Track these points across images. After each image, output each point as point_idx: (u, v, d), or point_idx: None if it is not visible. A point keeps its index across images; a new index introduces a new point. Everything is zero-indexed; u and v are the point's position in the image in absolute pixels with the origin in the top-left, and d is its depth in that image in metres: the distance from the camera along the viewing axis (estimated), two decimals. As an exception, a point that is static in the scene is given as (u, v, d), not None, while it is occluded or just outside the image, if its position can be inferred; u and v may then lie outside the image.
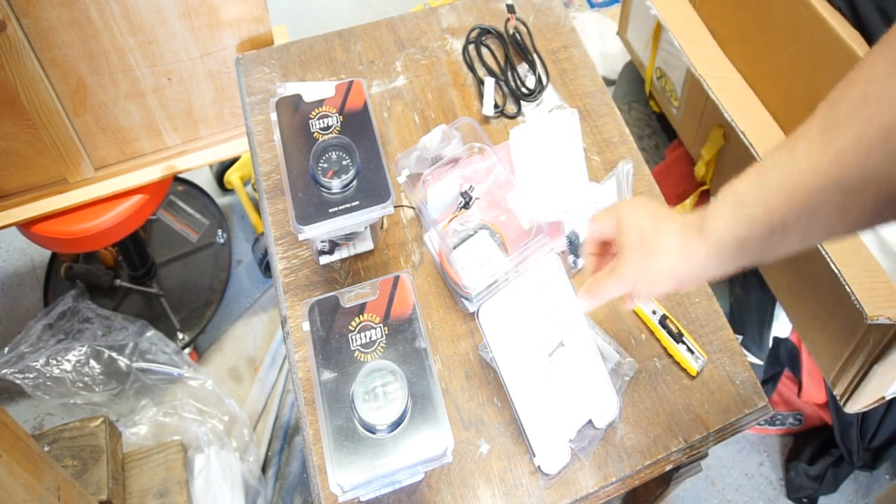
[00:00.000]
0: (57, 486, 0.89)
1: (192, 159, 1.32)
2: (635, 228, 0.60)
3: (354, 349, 0.67)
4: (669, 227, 0.58)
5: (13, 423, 0.85)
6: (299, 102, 0.79)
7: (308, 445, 0.74)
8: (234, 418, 1.42)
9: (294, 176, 0.74)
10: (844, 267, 0.94)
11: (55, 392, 1.40)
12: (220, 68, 1.24)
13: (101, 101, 1.20)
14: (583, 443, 0.74)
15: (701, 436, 0.76)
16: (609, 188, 0.87)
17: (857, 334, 0.99)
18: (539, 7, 1.05)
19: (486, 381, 0.78)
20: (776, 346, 1.30)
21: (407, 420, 0.65)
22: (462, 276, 0.78)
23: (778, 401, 1.41)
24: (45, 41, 1.09)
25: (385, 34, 1.02)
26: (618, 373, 0.78)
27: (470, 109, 0.96)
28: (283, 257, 0.85)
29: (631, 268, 0.60)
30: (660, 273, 0.59)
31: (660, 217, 0.59)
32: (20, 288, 1.72)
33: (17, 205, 1.24)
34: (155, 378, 1.46)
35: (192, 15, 1.16)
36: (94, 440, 1.17)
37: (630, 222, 0.60)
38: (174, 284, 1.68)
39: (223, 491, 1.28)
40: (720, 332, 0.82)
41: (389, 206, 0.73)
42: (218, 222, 1.76)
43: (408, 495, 0.72)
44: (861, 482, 1.50)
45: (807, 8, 0.98)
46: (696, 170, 1.36)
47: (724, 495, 1.50)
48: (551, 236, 0.79)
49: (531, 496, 0.72)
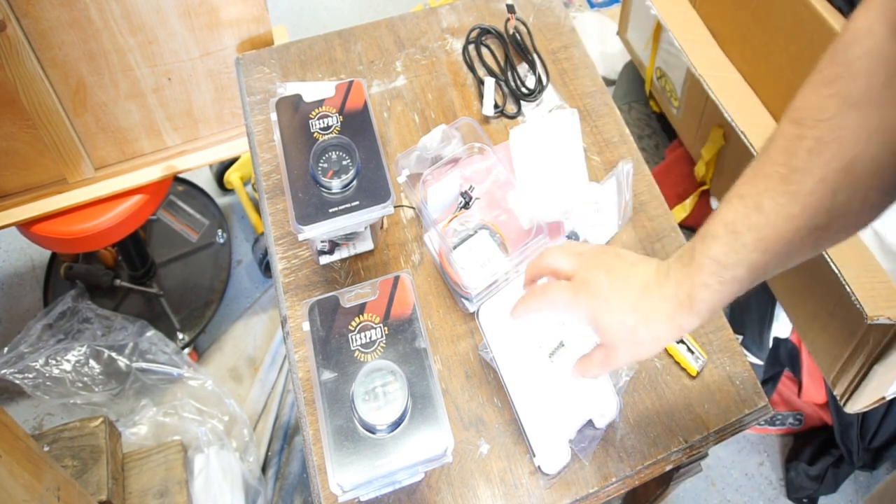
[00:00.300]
0: (57, 486, 0.89)
1: (192, 159, 1.32)
2: (623, 328, 0.58)
3: (354, 349, 0.67)
4: (657, 315, 0.57)
5: (13, 423, 0.85)
6: (299, 102, 0.79)
7: (308, 445, 0.74)
8: (234, 418, 1.42)
9: (294, 176, 0.74)
10: (844, 267, 0.94)
11: (55, 392, 1.40)
12: (220, 68, 1.24)
13: (101, 101, 1.20)
14: (583, 443, 0.74)
15: (701, 436, 0.76)
16: (609, 188, 0.87)
17: (857, 334, 0.99)
18: (539, 7, 1.05)
19: (486, 381, 0.78)
20: (776, 346, 1.30)
21: (407, 420, 0.65)
22: (462, 276, 0.78)
23: (778, 401, 1.41)
24: (45, 41, 1.09)
25: (385, 34, 1.02)
26: (618, 374, 0.78)
27: (470, 109, 0.96)
28: (283, 257, 0.85)
29: (625, 359, 0.60)
30: (657, 348, 0.60)
31: (642, 308, 0.57)
32: (20, 288, 1.72)
33: (17, 205, 1.24)
34: (155, 378, 1.46)
35: (192, 15, 1.16)
36: (94, 440, 1.17)
37: (614, 322, 0.58)
38: (174, 284, 1.68)
39: (223, 491, 1.28)
40: (720, 332, 0.82)
41: (389, 206, 0.73)
42: (218, 222, 1.76)
43: (408, 495, 0.72)
44: (861, 482, 1.50)
45: (807, 8, 0.99)
46: (696, 170, 1.36)
47: (724, 495, 1.50)
48: (551, 236, 0.79)
49: (531, 496, 0.72)
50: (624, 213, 0.88)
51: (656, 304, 0.57)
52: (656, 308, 0.57)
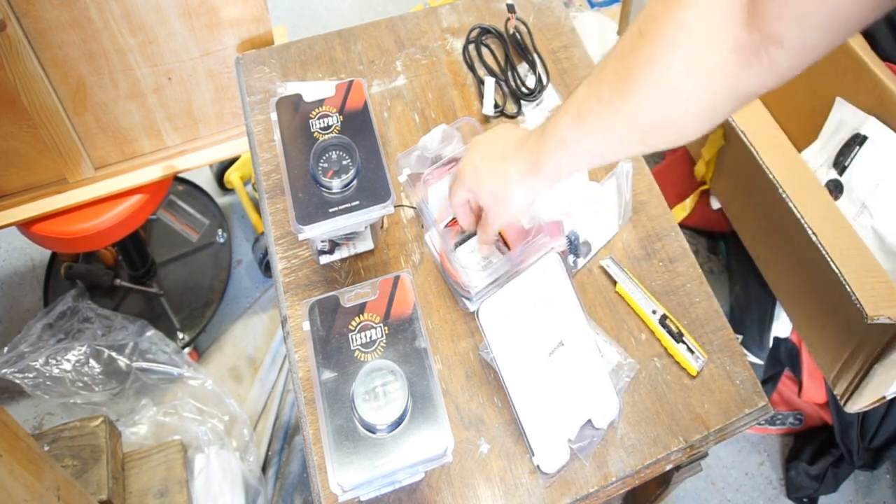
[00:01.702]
0: (57, 485, 0.89)
1: (192, 159, 1.32)
2: (488, 191, 0.71)
3: (354, 349, 0.67)
4: (512, 177, 0.68)
5: (13, 422, 0.85)
6: (299, 102, 0.79)
7: (308, 445, 0.74)
8: (234, 418, 1.42)
9: (294, 176, 0.74)
10: (844, 267, 0.94)
11: (55, 392, 1.40)
12: (221, 68, 1.24)
13: (101, 101, 1.20)
14: (583, 442, 0.74)
15: (701, 435, 0.76)
16: (609, 188, 0.87)
17: (857, 334, 0.99)
18: (539, 7, 1.05)
19: (486, 381, 0.78)
20: (776, 345, 1.30)
21: (407, 420, 0.65)
22: (462, 275, 0.78)
23: (778, 400, 1.41)
24: (45, 41, 1.09)
25: (385, 34, 1.02)
26: (618, 374, 0.78)
27: (470, 109, 0.96)
28: (283, 257, 0.85)
29: (497, 219, 0.73)
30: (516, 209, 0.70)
31: (501, 172, 0.69)
32: (20, 288, 1.72)
33: (16, 204, 1.24)
34: (155, 378, 1.46)
35: (192, 15, 1.16)
36: (94, 440, 1.17)
37: (482, 187, 0.71)
38: (174, 284, 1.68)
39: (223, 491, 1.28)
40: (720, 332, 0.82)
41: (389, 206, 0.73)
42: (218, 222, 1.76)
43: (408, 495, 0.72)
44: (861, 482, 1.50)
45: (807, 8, 0.98)
46: (696, 169, 1.36)
47: (724, 495, 1.50)
48: (551, 236, 0.79)
49: (531, 496, 0.72)
50: (624, 213, 0.88)
51: (511, 167, 0.68)
52: (510, 171, 0.68)
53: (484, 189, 0.71)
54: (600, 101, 0.57)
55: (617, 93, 0.55)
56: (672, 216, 0.90)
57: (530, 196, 0.69)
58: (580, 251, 0.85)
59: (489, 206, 0.72)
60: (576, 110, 0.60)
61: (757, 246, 1.24)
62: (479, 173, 0.71)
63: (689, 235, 1.38)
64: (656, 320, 0.81)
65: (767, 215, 1.14)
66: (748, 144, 1.07)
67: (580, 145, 0.61)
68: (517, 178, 0.67)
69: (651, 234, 0.88)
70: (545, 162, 0.64)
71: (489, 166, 0.70)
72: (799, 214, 0.99)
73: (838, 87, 1.06)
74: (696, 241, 1.49)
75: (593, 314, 0.82)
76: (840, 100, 1.05)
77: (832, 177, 1.06)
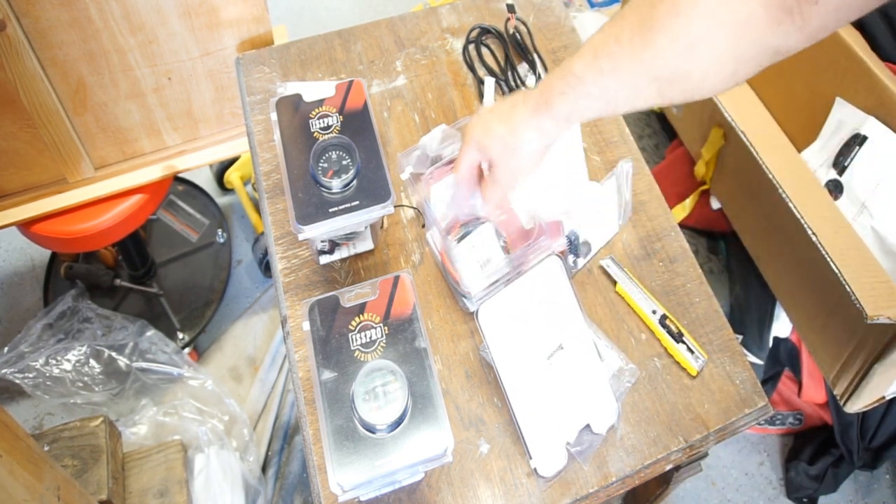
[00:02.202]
0: (57, 485, 0.89)
1: (192, 159, 1.32)
2: (496, 140, 0.67)
3: (354, 349, 0.67)
4: (520, 118, 0.65)
5: (13, 422, 0.85)
6: (299, 102, 0.79)
7: (308, 445, 0.74)
8: (234, 418, 1.42)
9: (294, 176, 0.74)
10: (844, 267, 0.94)
11: (55, 392, 1.40)
12: (220, 68, 1.24)
13: (101, 101, 1.20)
14: (581, 447, 0.74)
15: (701, 435, 0.76)
16: (609, 188, 0.87)
17: (857, 334, 0.99)
18: (539, 7, 1.05)
19: (486, 381, 0.78)
20: (776, 345, 1.30)
21: (407, 420, 0.65)
22: (462, 275, 0.78)
23: (778, 400, 1.41)
24: (45, 41, 1.09)
25: (385, 34, 1.02)
26: (619, 379, 0.78)
27: (470, 109, 0.96)
28: (283, 257, 0.85)
29: (505, 172, 0.69)
30: (526, 156, 0.67)
31: (511, 116, 0.66)
32: (20, 288, 1.72)
33: (16, 204, 1.24)
34: (155, 378, 1.46)
35: (192, 15, 1.16)
36: (94, 440, 1.17)
37: (490, 138, 0.68)
38: (174, 284, 1.68)
39: (223, 491, 1.28)
40: (720, 332, 0.82)
41: (389, 206, 0.73)
42: (218, 222, 1.76)
43: (408, 495, 0.72)
44: (861, 482, 1.50)
45: (807, 8, 0.98)
46: (696, 169, 1.36)
47: (724, 495, 1.50)
48: (551, 236, 0.79)
49: (531, 496, 0.72)
50: (624, 213, 0.88)
51: (519, 110, 0.65)
52: (520, 112, 0.65)
53: (493, 137, 0.67)
54: (619, 42, 0.55)
55: (638, 36, 0.53)
56: (672, 216, 0.90)
57: (541, 138, 0.65)
58: (580, 251, 0.85)
59: (498, 158, 0.68)
60: (592, 50, 0.58)
61: (757, 246, 1.24)
62: (488, 124, 0.68)
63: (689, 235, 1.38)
64: (656, 320, 0.81)
65: (767, 215, 1.14)
66: (748, 144, 1.08)
67: (595, 86, 0.59)
68: (527, 117, 0.64)
69: (651, 234, 0.88)
70: (557, 100, 0.62)
71: (498, 116, 0.67)
72: (799, 214, 0.99)
73: (838, 87, 1.06)
74: (696, 241, 1.49)
75: (593, 314, 0.82)
76: (840, 100, 1.05)
77: (832, 177, 1.06)
